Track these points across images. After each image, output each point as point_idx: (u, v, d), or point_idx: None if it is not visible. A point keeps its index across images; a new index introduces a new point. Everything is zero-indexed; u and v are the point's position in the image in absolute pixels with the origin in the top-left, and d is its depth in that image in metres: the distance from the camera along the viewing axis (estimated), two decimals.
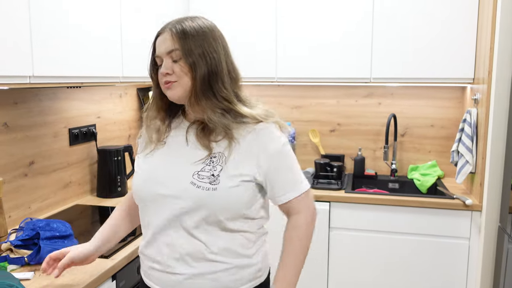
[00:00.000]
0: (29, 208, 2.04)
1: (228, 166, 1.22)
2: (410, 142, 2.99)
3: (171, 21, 1.28)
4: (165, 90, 1.25)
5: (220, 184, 1.20)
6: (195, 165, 1.23)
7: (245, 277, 1.30)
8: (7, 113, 1.91)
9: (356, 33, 2.66)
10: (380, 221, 2.51)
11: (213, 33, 1.27)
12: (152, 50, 1.29)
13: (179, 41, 1.22)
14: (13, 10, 1.46)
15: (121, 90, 2.76)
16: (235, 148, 1.23)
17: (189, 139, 1.28)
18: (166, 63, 1.23)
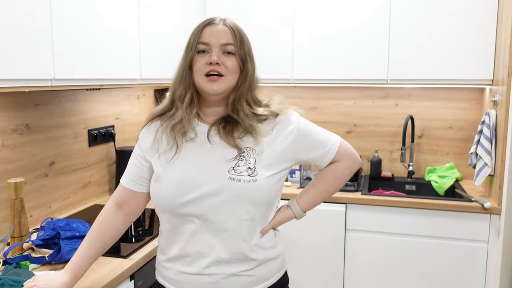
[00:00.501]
0: (50, 208, 2.08)
1: (261, 158, 1.25)
2: (427, 144, 2.97)
3: (214, 16, 1.30)
4: (206, 82, 1.24)
5: (258, 175, 1.23)
6: (227, 163, 1.24)
7: (274, 268, 1.33)
8: (29, 115, 1.95)
9: (373, 33, 2.65)
10: (397, 223, 2.50)
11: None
12: (195, 36, 1.27)
13: (236, 38, 1.26)
14: (35, 16, 1.49)
15: (139, 92, 2.79)
16: (263, 141, 1.27)
17: (212, 139, 1.28)
18: (216, 53, 1.23)
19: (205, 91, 1.25)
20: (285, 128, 1.31)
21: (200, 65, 1.24)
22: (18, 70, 1.44)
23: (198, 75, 1.25)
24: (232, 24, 1.28)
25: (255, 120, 1.29)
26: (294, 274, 2.67)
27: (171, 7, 2.41)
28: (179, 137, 1.28)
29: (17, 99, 1.88)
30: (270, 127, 1.30)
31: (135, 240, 1.86)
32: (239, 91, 1.28)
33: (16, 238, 1.64)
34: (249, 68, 1.28)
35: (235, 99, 1.28)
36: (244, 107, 1.27)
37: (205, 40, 1.25)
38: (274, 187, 1.27)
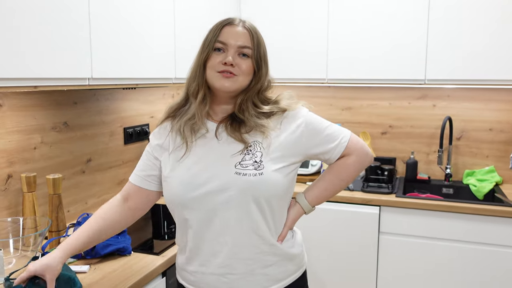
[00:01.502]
0: (86, 204, 2.14)
1: (268, 151, 1.26)
2: (466, 146, 2.88)
3: (236, 17, 1.32)
4: (218, 78, 1.25)
5: (265, 169, 1.23)
6: (234, 158, 1.25)
7: (291, 268, 1.33)
8: (67, 113, 2.00)
9: (410, 32, 2.58)
10: (433, 227, 2.43)
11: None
12: (214, 34, 1.29)
13: (253, 42, 1.28)
14: (74, 17, 1.53)
15: (174, 91, 2.82)
16: (270, 135, 1.27)
17: (220, 136, 1.29)
18: (232, 54, 1.25)
19: (216, 87, 1.27)
20: (292, 122, 1.30)
21: (214, 63, 1.26)
22: (58, 69, 1.48)
23: (211, 71, 1.27)
24: (251, 27, 1.30)
25: (262, 116, 1.29)
26: (325, 276, 2.65)
27: (205, 6, 2.43)
28: (190, 134, 1.29)
29: (56, 98, 1.94)
30: (278, 121, 1.30)
31: (168, 237, 1.88)
32: (248, 93, 1.30)
33: (53, 232, 1.69)
34: (262, 72, 1.31)
35: (243, 100, 1.30)
36: (249, 108, 1.29)
37: (223, 39, 1.27)
38: (282, 180, 1.26)
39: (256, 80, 1.30)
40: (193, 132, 1.29)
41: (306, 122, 1.31)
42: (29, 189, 1.70)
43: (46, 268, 1.19)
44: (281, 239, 1.30)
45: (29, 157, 1.81)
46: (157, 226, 2.06)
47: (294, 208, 1.37)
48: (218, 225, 1.24)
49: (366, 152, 1.39)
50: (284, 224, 1.32)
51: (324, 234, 2.60)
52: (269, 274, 1.28)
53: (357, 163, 1.37)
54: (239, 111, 1.29)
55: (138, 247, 1.75)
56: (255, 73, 1.30)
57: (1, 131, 1.69)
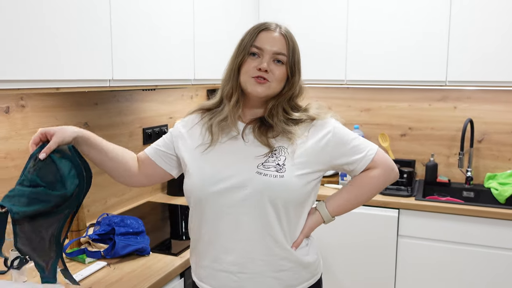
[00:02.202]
0: (106, 204, 2.16)
1: (293, 156, 1.25)
2: (488, 149, 2.83)
3: (271, 22, 1.32)
4: (252, 83, 1.27)
5: (286, 172, 1.23)
6: (258, 159, 1.26)
7: (304, 276, 1.32)
8: (88, 114, 2.03)
9: (431, 33, 2.55)
10: (453, 231, 2.40)
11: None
12: (250, 39, 1.29)
13: (289, 48, 1.29)
14: (95, 20, 1.54)
15: (192, 92, 2.84)
16: (297, 142, 1.27)
17: (247, 137, 1.30)
18: (267, 60, 1.26)
19: (249, 92, 1.29)
20: (320, 131, 1.30)
21: (249, 68, 1.27)
22: (79, 71, 1.50)
23: (245, 76, 1.28)
24: (287, 33, 1.31)
25: (290, 123, 1.30)
26: (343, 279, 2.63)
27: (224, 8, 2.43)
28: (218, 132, 1.31)
29: (77, 99, 1.96)
30: (306, 129, 1.30)
31: (186, 237, 1.89)
32: (280, 99, 1.31)
33: (74, 232, 1.71)
34: (295, 79, 1.31)
35: (274, 105, 1.31)
36: (279, 114, 1.30)
37: (259, 44, 1.28)
38: (303, 188, 1.26)
39: (288, 87, 1.31)
40: (222, 131, 1.31)
41: (333, 132, 1.31)
42: None
43: (57, 130, 1.24)
44: (295, 246, 1.29)
45: None
46: (175, 226, 2.07)
47: (313, 216, 1.35)
48: (233, 222, 1.24)
49: (392, 167, 1.37)
50: (301, 231, 1.32)
51: (342, 236, 2.58)
52: (281, 279, 1.27)
53: (382, 176, 1.35)
54: (269, 116, 1.30)
55: (156, 247, 1.76)
56: (288, 79, 1.31)
57: (24, 131, 1.72)
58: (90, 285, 1.43)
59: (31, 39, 1.32)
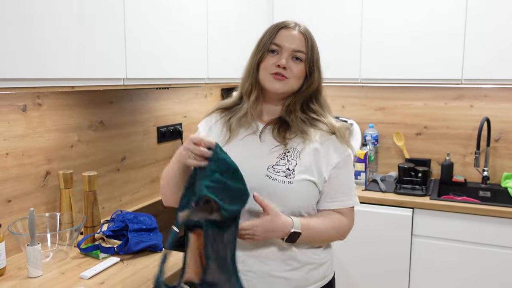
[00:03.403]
0: (120, 201, 2.19)
1: (302, 162, 1.26)
2: (505, 148, 2.79)
3: (291, 21, 1.34)
4: (270, 79, 1.29)
5: (295, 178, 1.24)
6: (270, 160, 1.27)
7: (316, 276, 1.32)
8: (103, 112, 2.06)
9: (447, 30, 2.52)
10: (469, 231, 2.37)
11: None
12: (269, 36, 1.31)
13: (308, 48, 1.31)
14: (110, 21, 1.57)
15: (206, 91, 2.86)
16: (309, 147, 1.28)
17: (264, 137, 1.32)
18: (286, 57, 1.28)
19: (267, 88, 1.31)
20: (334, 153, 1.31)
21: (268, 64, 1.29)
22: (94, 70, 1.52)
23: (264, 72, 1.31)
24: (306, 32, 1.33)
25: (308, 122, 1.31)
26: (356, 278, 2.62)
27: (238, 6, 2.44)
28: (236, 129, 1.33)
29: (92, 97, 1.99)
30: (322, 138, 1.31)
31: None
32: (298, 96, 1.32)
33: (89, 228, 1.74)
34: (314, 77, 1.32)
35: (291, 102, 1.32)
36: (297, 110, 1.31)
37: (278, 42, 1.30)
38: (312, 193, 1.27)
39: (307, 85, 1.32)
40: (239, 128, 1.33)
41: (345, 161, 1.32)
42: (66, 185, 1.76)
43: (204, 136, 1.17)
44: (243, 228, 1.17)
45: (66, 155, 1.88)
46: None
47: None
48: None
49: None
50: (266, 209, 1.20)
51: (356, 236, 2.56)
52: (290, 279, 1.27)
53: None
54: (286, 112, 1.32)
55: None
56: (307, 77, 1.32)
57: (40, 129, 1.76)
58: (104, 280, 1.45)
59: (46, 39, 1.34)
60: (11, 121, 1.64)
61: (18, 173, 1.68)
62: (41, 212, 1.76)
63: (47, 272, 1.50)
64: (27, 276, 1.47)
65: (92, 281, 1.45)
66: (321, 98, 1.37)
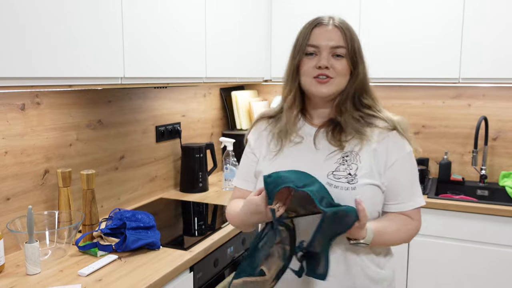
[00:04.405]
0: (119, 199, 2.20)
1: (363, 165, 1.20)
2: (503, 147, 2.79)
3: (324, 16, 1.28)
4: (314, 84, 1.22)
5: (358, 183, 1.18)
6: (328, 165, 1.21)
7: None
8: (101, 111, 2.07)
9: (445, 29, 2.53)
10: (466, 230, 2.38)
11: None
12: (304, 37, 1.24)
13: (347, 40, 1.22)
14: (107, 18, 1.58)
15: (205, 90, 2.87)
16: (367, 148, 1.22)
17: (318, 142, 1.26)
18: (326, 56, 1.21)
19: (313, 93, 1.24)
20: (393, 151, 1.23)
21: (308, 68, 1.23)
22: (91, 69, 1.53)
23: (305, 77, 1.24)
24: (341, 24, 1.25)
25: (364, 123, 1.24)
26: None
27: (237, 4, 2.45)
28: (284, 138, 1.27)
29: (91, 96, 2.00)
30: (381, 136, 1.24)
31: (198, 233, 1.92)
32: (346, 93, 1.24)
33: (87, 226, 1.75)
34: (359, 70, 1.24)
35: (341, 101, 1.25)
36: (348, 109, 1.24)
37: (314, 42, 1.23)
38: (376, 198, 1.22)
39: (353, 79, 1.24)
40: (288, 137, 1.28)
41: (407, 158, 1.25)
42: (64, 184, 1.77)
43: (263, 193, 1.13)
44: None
45: (65, 154, 1.89)
46: (187, 222, 2.10)
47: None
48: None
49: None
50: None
51: None
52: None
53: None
54: (337, 113, 1.25)
55: (169, 242, 1.79)
56: (352, 71, 1.24)
57: (39, 128, 1.77)
58: (101, 277, 1.46)
59: (44, 37, 1.36)
60: (10, 119, 1.66)
61: (17, 171, 1.69)
62: (39, 210, 1.78)
63: (45, 270, 1.51)
64: (26, 274, 1.48)
65: (90, 278, 1.46)
66: (371, 90, 1.29)
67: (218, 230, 1.93)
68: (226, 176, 2.61)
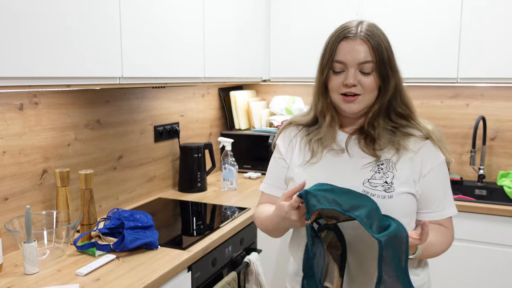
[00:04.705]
0: (117, 199, 2.20)
1: (399, 174, 1.19)
2: (501, 147, 2.80)
3: (352, 24, 1.21)
4: (342, 101, 1.21)
5: (395, 191, 1.16)
6: (363, 173, 1.20)
7: None
8: (100, 111, 2.07)
9: (443, 29, 2.53)
10: (465, 229, 2.38)
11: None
12: (330, 53, 1.21)
13: (375, 54, 1.18)
14: (105, 18, 1.58)
15: (204, 90, 2.87)
16: (404, 157, 1.21)
17: (351, 149, 1.25)
18: (353, 73, 1.18)
19: (342, 110, 1.24)
20: (428, 160, 1.22)
21: (335, 85, 1.21)
22: (89, 69, 1.53)
23: (334, 94, 1.23)
24: (369, 34, 1.19)
25: (400, 136, 1.23)
26: None
27: (235, 4, 2.46)
28: (321, 147, 1.26)
29: (89, 96, 2.01)
30: (417, 146, 1.22)
31: (196, 233, 1.92)
32: (377, 107, 1.22)
33: (85, 226, 1.75)
34: (390, 83, 1.20)
35: (372, 116, 1.23)
36: (381, 123, 1.22)
37: (340, 58, 1.19)
38: (411, 207, 1.20)
39: (383, 93, 1.21)
40: (323, 149, 1.27)
41: (441, 166, 1.24)
42: (62, 184, 1.77)
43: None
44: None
45: (63, 153, 1.89)
46: (186, 222, 2.10)
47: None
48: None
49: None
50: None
51: None
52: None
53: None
54: (369, 127, 1.23)
55: (168, 242, 1.79)
56: (381, 87, 1.21)
57: (37, 128, 1.77)
58: (99, 277, 1.46)
59: (42, 37, 1.36)
60: (8, 119, 1.66)
61: (15, 171, 1.69)
62: (38, 210, 1.78)
63: (44, 269, 1.52)
64: (24, 273, 1.48)
65: (88, 278, 1.46)
66: (405, 98, 1.25)
67: (216, 229, 1.93)
68: (224, 176, 2.61)
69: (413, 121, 1.26)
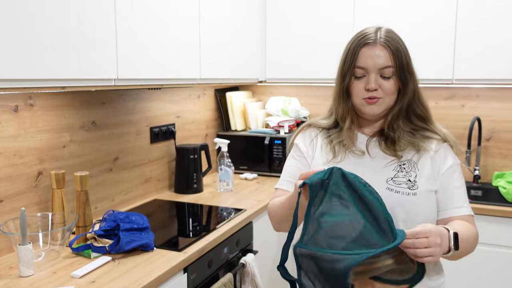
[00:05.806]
0: (113, 201, 2.20)
1: (422, 173, 1.24)
2: (496, 148, 2.81)
3: (370, 30, 1.26)
4: (364, 104, 1.25)
5: (419, 189, 1.21)
6: (386, 172, 1.24)
7: None
8: (95, 112, 2.07)
9: (438, 30, 2.54)
10: None
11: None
12: (352, 59, 1.25)
13: (395, 59, 1.22)
14: (100, 19, 1.58)
15: (200, 91, 2.87)
16: (425, 157, 1.25)
17: (372, 151, 1.29)
18: (374, 78, 1.22)
19: (364, 113, 1.28)
20: (448, 157, 1.27)
21: (358, 90, 1.25)
22: (84, 70, 1.53)
23: (356, 99, 1.27)
24: (388, 40, 1.23)
25: (420, 138, 1.27)
26: None
27: (231, 5, 2.46)
28: (343, 148, 1.30)
29: (84, 98, 2.00)
30: (436, 146, 1.28)
31: (192, 235, 1.92)
32: (397, 109, 1.27)
33: (81, 228, 1.75)
34: (409, 86, 1.25)
35: (393, 117, 1.27)
36: (401, 125, 1.27)
37: (361, 64, 1.23)
38: (434, 204, 1.24)
39: (402, 96, 1.26)
40: (344, 151, 1.30)
41: (457, 167, 1.28)
42: (58, 185, 1.77)
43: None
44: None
45: (59, 155, 1.88)
46: (182, 223, 2.10)
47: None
48: None
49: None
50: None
51: None
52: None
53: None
54: (389, 129, 1.28)
55: (164, 244, 1.79)
56: (401, 89, 1.25)
57: (32, 129, 1.76)
58: (95, 279, 1.46)
59: (37, 39, 1.36)
60: (3, 121, 1.65)
61: (10, 173, 1.68)
62: (33, 212, 1.77)
63: (39, 272, 1.51)
64: (19, 276, 1.48)
65: (83, 280, 1.46)
66: (423, 98, 1.31)
67: (212, 231, 1.93)
68: (220, 177, 2.61)
69: (430, 125, 1.31)
